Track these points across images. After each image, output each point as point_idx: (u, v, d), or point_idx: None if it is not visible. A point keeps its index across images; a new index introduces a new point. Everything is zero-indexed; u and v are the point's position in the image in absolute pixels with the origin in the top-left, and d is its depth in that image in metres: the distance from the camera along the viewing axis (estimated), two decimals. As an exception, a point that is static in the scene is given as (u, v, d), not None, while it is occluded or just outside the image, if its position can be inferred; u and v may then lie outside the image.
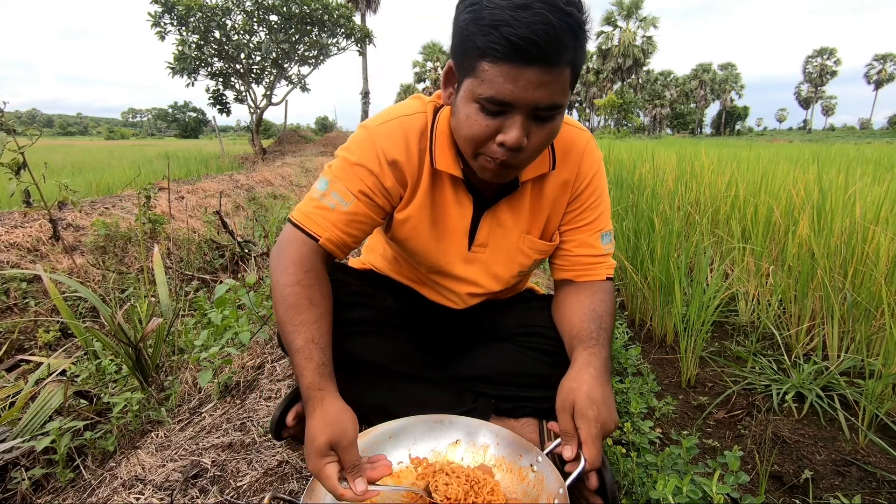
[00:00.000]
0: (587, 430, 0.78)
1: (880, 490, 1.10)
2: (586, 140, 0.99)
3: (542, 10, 0.67)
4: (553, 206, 1.00)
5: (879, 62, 69.04)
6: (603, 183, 1.02)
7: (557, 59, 0.70)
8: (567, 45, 0.70)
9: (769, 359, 1.71)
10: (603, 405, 0.81)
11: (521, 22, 0.66)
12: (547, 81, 0.71)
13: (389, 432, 0.92)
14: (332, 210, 0.90)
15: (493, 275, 1.04)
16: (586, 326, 0.94)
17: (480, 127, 0.77)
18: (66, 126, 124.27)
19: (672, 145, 9.67)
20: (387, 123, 0.93)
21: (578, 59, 0.73)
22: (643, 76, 64.92)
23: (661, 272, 1.89)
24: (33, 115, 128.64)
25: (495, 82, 0.71)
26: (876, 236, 1.71)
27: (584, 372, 0.86)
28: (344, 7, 14.59)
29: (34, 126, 2.80)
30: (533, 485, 0.82)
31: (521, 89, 0.71)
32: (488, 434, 0.91)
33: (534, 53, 0.68)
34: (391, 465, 0.80)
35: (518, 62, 0.69)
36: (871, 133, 57.72)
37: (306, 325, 0.84)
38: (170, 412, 1.61)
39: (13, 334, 2.20)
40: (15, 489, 1.29)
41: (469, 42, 0.73)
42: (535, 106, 0.73)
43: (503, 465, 0.88)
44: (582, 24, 0.71)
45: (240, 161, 11.59)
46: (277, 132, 30.10)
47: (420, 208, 0.96)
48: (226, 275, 3.34)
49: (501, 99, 0.73)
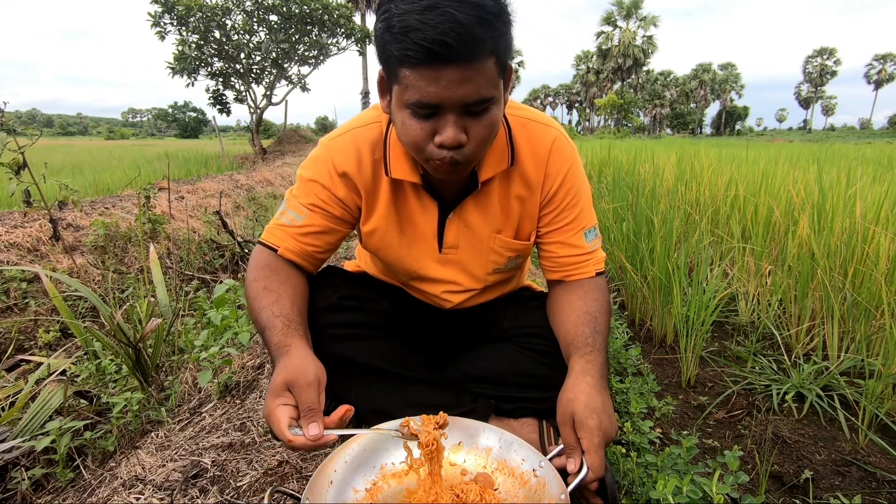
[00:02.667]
0: (589, 440, 0.79)
1: (880, 490, 1.10)
2: (552, 138, 0.97)
3: (449, 7, 0.66)
4: (524, 207, 0.99)
5: (879, 62, 69.06)
6: (578, 180, 1.00)
7: (474, 54, 0.69)
8: (482, 38, 0.68)
9: (769, 359, 1.71)
10: (603, 413, 0.81)
11: (429, 24, 0.66)
12: (469, 76, 0.70)
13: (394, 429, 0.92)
14: (288, 226, 0.96)
15: (469, 273, 1.05)
16: (581, 331, 0.94)
17: (416, 131, 0.77)
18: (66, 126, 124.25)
19: (672, 145, 9.67)
20: (340, 137, 0.96)
21: (501, 46, 0.72)
22: (643, 76, 64.94)
23: (661, 272, 1.89)
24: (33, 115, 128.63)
25: (418, 86, 0.71)
26: (876, 236, 1.71)
27: (582, 381, 0.86)
28: (344, 7, 14.60)
29: (34, 126, 2.79)
30: (535, 490, 0.81)
31: (443, 90, 0.71)
32: (491, 437, 0.91)
33: (447, 54, 0.67)
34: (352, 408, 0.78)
35: (434, 64, 0.68)
36: (871, 133, 57.73)
37: (266, 307, 0.88)
38: (170, 412, 1.61)
39: (13, 334, 2.20)
40: (15, 489, 1.29)
41: (387, 50, 0.72)
42: (462, 103, 0.73)
43: (505, 469, 0.88)
44: (498, 11, 0.70)
45: (240, 161, 11.59)
46: (277, 132, 30.10)
47: (385, 218, 0.98)
48: (226, 275, 3.34)
49: (427, 102, 0.72)
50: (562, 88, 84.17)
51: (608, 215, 2.60)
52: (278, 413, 0.72)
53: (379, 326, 1.03)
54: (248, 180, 6.94)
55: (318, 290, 1.01)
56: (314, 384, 0.76)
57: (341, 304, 1.00)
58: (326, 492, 0.81)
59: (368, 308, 1.03)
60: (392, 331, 1.05)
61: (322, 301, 0.99)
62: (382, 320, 1.04)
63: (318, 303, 0.98)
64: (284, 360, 0.80)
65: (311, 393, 0.74)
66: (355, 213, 0.99)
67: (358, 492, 0.85)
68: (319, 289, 1.01)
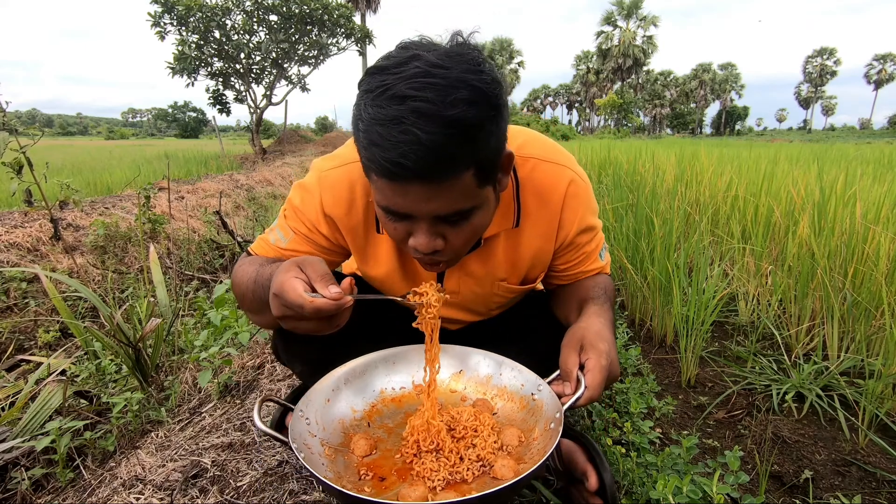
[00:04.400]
0: (596, 360, 0.76)
1: (880, 490, 1.10)
2: (566, 183, 0.88)
3: (413, 125, 0.58)
4: (535, 255, 0.95)
5: (879, 62, 69.03)
6: (591, 218, 0.94)
7: (441, 174, 0.62)
8: (454, 155, 0.61)
9: (769, 359, 1.71)
10: (612, 346, 0.80)
11: (391, 142, 0.59)
12: (438, 193, 0.64)
13: (391, 357, 0.94)
14: (272, 244, 0.95)
15: (472, 311, 1.05)
16: (592, 294, 0.95)
17: (392, 230, 0.74)
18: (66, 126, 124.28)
19: (672, 145, 9.67)
20: (336, 170, 0.89)
21: (483, 154, 0.64)
22: (643, 76, 64.93)
23: (661, 272, 1.89)
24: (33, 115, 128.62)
25: (386, 194, 0.66)
26: (876, 236, 1.71)
27: (595, 318, 0.85)
28: (344, 7, 14.60)
29: (34, 126, 2.79)
30: (532, 412, 0.83)
31: (411, 203, 0.65)
32: (491, 363, 0.93)
33: (410, 175, 0.61)
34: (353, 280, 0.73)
35: (399, 181, 0.63)
36: (871, 133, 57.69)
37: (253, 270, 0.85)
38: (170, 412, 1.61)
39: (13, 334, 2.20)
40: (15, 489, 1.29)
41: (357, 143, 0.67)
42: (434, 216, 0.68)
43: (504, 395, 0.89)
44: (478, 120, 0.61)
45: (240, 161, 11.59)
46: (277, 132, 30.11)
47: (388, 264, 0.95)
48: (226, 275, 3.34)
49: (396, 210, 0.68)
50: (562, 88, 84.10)
51: (608, 215, 2.60)
52: (293, 282, 0.64)
53: (377, 329, 1.02)
54: (248, 180, 6.94)
55: None
56: (320, 261, 0.70)
57: None
58: (323, 406, 0.82)
59: (363, 311, 1.03)
60: (385, 338, 1.04)
61: None
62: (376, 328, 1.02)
63: None
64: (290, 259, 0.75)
65: (323, 265, 0.69)
66: (341, 248, 0.96)
67: (356, 411, 0.87)
68: None
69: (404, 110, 0.58)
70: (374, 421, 0.86)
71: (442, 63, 0.60)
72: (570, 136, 31.97)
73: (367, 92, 0.62)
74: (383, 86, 0.60)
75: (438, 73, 0.60)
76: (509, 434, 0.80)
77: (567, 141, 21.88)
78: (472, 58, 0.63)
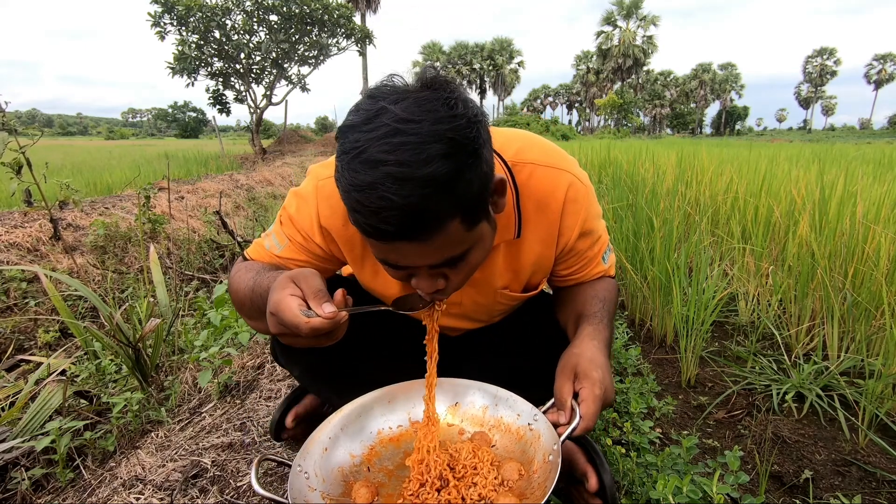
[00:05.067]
0: (590, 389, 0.76)
1: (880, 490, 1.10)
2: (565, 187, 0.86)
3: (389, 190, 0.56)
4: (536, 263, 0.94)
5: (879, 62, 69.02)
6: (593, 222, 0.92)
7: (423, 232, 0.60)
8: (435, 213, 0.59)
9: (769, 359, 1.70)
10: (606, 372, 0.80)
11: (369, 208, 0.58)
12: (428, 248, 0.63)
13: (387, 396, 0.93)
14: (268, 250, 0.94)
15: (474, 320, 1.04)
16: (591, 305, 0.94)
17: (392, 273, 0.73)
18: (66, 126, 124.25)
19: (672, 145, 9.67)
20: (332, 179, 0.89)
21: (466, 201, 0.62)
22: (643, 76, 64.93)
23: (661, 272, 1.89)
24: (33, 115, 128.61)
25: (378, 249, 0.66)
26: (876, 236, 1.71)
27: (589, 342, 0.85)
28: (344, 7, 14.61)
29: (34, 126, 2.79)
30: (530, 443, 0.82)
31: (404, 257, 0.65)
32: (486, 395, 0.92)
33: (393, 237, 0.60)
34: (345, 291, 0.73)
35: (385, 241, 0.62)
36: (871, 133, 57.69)
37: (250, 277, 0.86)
38: (170, 412, 1.61)
39: (13, 334, 2.20)
40: (15, 489, 1.29)
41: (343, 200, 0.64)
42: (429, 266, 0.68)
43: (501, 426, 0.89)
44: (455, 171, 0.58)
45: (240, 161, 11.59)
46: (277, 132, 30.10)
47: (388, 276, 0.92)
48: (226, 275, 3.34)
49: (392, 263, 0.68)
50: (562, 88, 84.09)
51: (608, 215, 2.60)
52: (288, 300, 0.66)
53: (376, 332, 1.01)
54: (247, 180, 6.94)
55: None
56: (316, 275, 0.71)
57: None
58: (321, 457, 0.81)
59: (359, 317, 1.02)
60: (389, 336, 1.04)
61: None
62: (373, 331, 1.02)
63: None
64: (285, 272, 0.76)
65: (318, 279, 0.69)
66: (336, 258, 0.95)
67: (355, 456, 0.86)
68: None
69: (378, 175, 0.57)
70: (374, 464, 0.85)
71: (412, 117, 0.58)
72: (570, 136, 31.97)
73: (344, 153, 0.61)
74: (356, 148, 0.59)
75: (409, 129, 0.57)
76: (509, 468, 0.80)
77: (567, 141, 21.89)
78: (444, 100, 0.60)
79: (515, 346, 1.07)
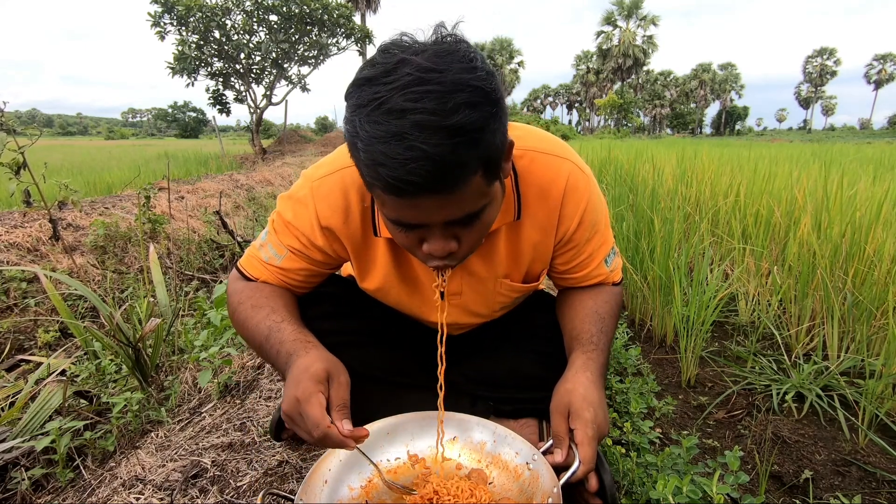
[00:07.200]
0: (583, 431, 0.77)
1: (880, 490, 1.10)
2: (566, 174, 0.85)
3: (418, 140, 0.55)
4: (535, 250, 0.92)
5: (879, 62, 69.02)
6: (594, 214, 0.91)
7: (450, 184, 0.59)
8: (463, 163, 0.58)
9: (769, 359, 1.70)
10: (599, 407, 0.80)
11: (396, 160, 0.56)
12: (450, 201, 0.62)
13: (386, 429, 0.92)
14: (267, 263, 0.92)
15: (473, 313, 1.03)
16: (587, 328, 0.93)
17: (403, 239, 0.72)
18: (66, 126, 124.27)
19: (672, 145, 9.67)
20: (327, 178, 0.86)
21: (489, 153, 0.62)
22: (643, 76, 64.97)
23: (661, 272, 1.89)
24: (33, 115, 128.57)
25: (395, 208, 0.64)
26: (877, 236, 1.71)
27: (581, 375, 0.85)
28: (344, 7, 14.61)
29: (34, 126, 2.79)
30: (528, 483, 0.82)
31: (422, 214, 0.64)
32: (485, 431, 0.91)
33: (418, 190, 0.59)
34: (369, 431, 0.76)
35: (406, 196, 0.60)
36: (871, 133, 57.67)
37: (263, 319, 0.86)
38: (170, 412, 1.61)
39: (13, 334, 2.20)
40: (15, 489, 1.29)
41: (356, 160, 0.63)
42: (445, 222, 0.66)
43: (499, 464, 0.88)
44: (482, 122, 0.58)
45: (240, 161, 11.60)
46: (277, 132, 30.11)
47: (386, 276, 0.93)
48: (226, 275, 3.34)
49: (407, 222, 0.66)
50: (562, 88, 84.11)
51: (609, 215, 2.60)
52: (319, 399, 0.69)
53: (373, 333, 1.02)
54: (248, 180, 6.94)
55: (311, 297, 0.99)
56: (347, 385, 0.75)
57: (336, 311, 0.99)
58: (321, 491, 0.81)
59: (362, 314, 1.02)
60: (386, 336, 1.04)
61: (315, 308, 0.97)
62: (377, 326, 1.02)
63: (311, 310, 0.96)
64: (316, 352, 0.78)
65: (346, 391, 0.74)
66: (339, 256, 0.94)
67: (353, 489, 0.85)
68: (312, 295, 0.99)
69: (405, 125, 0.55)
70: (372, 497, 0.85)
71: (434, 66, 0.57)
72: (570, 136, 31.96)
73: (360, 107, 0.58)
74: (376, 99, 0.57)
75: (433, 77, 0.56)
76: None
77: (567, 141, 21.86)
78: (463, 53, 0.60)
79: (515, 347, 1.07)
